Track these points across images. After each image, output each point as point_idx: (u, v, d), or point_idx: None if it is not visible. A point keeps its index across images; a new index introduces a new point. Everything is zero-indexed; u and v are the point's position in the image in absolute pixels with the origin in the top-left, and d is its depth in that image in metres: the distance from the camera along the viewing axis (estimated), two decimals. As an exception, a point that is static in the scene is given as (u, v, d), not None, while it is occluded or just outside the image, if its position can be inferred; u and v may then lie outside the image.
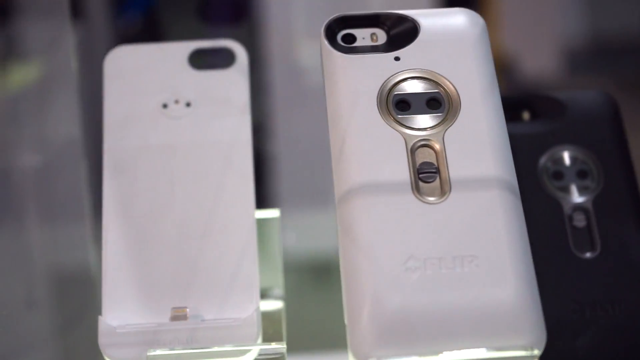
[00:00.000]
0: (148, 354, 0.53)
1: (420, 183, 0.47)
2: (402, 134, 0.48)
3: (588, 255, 0.59)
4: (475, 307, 0.44)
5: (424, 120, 0.49)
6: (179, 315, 0.55)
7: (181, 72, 0.61)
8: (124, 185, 0.58)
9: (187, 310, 0.55)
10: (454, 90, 0.50)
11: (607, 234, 0.59)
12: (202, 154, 0.59)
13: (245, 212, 0.57)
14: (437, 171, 0.48)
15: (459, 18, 0.52)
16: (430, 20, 0.52)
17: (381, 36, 0.52)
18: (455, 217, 0.46)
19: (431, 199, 0.47)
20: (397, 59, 0.51)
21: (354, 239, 0.46)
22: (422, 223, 0.46)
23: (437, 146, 0.48)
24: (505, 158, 0.48)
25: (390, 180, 0.47)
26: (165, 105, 0.60)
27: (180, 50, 0.61)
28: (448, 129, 0.49)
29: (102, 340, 0.54)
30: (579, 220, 0.60)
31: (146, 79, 0.60)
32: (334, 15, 0.52)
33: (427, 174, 0.47)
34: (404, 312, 0.44)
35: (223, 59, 0.62)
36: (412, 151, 0.48)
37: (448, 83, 0.50)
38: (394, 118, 0.49)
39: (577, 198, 0.60)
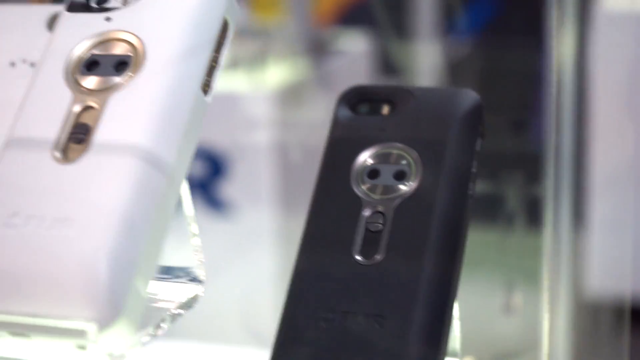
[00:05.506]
0: None
1: (70, 143, 0.46)
2: (75, 94, 0.47)
3: (366, 262, 0.53)
4: (44, 270, 0.42)
5: (99, 82, 0.47)
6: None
7: (36, 34, 0.62)
8: None
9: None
10: (143, 55, 0.47)
11: (396, 244, 0.53)
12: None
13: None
14: (88, 133, 0.46)
15: None
16: None
17: None
18: (75, 179, 0.44)
19: (62, 156, 0.45)
20: (108, 19, 0.49)
21: None
22: (40, 180, 0.45)
23: (97, 107, 0.46)
24: (173, 129, 0.45)
25: (38, 137, 0.46)
26: (13, 64, 0.62)
27: (39, 13, 0.63)
28: (115, 93, 0.46)
29: None
30: (375, 224, 0.54)
31: (3, 37, 0.63)
32: None
33: (77, 135, 0.46)
34: None
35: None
36: (72, 111, 0.46)
37: (141, 47, 0.47)
38: (74, 79, 0.47)
39: (380, 199, 0.54)
